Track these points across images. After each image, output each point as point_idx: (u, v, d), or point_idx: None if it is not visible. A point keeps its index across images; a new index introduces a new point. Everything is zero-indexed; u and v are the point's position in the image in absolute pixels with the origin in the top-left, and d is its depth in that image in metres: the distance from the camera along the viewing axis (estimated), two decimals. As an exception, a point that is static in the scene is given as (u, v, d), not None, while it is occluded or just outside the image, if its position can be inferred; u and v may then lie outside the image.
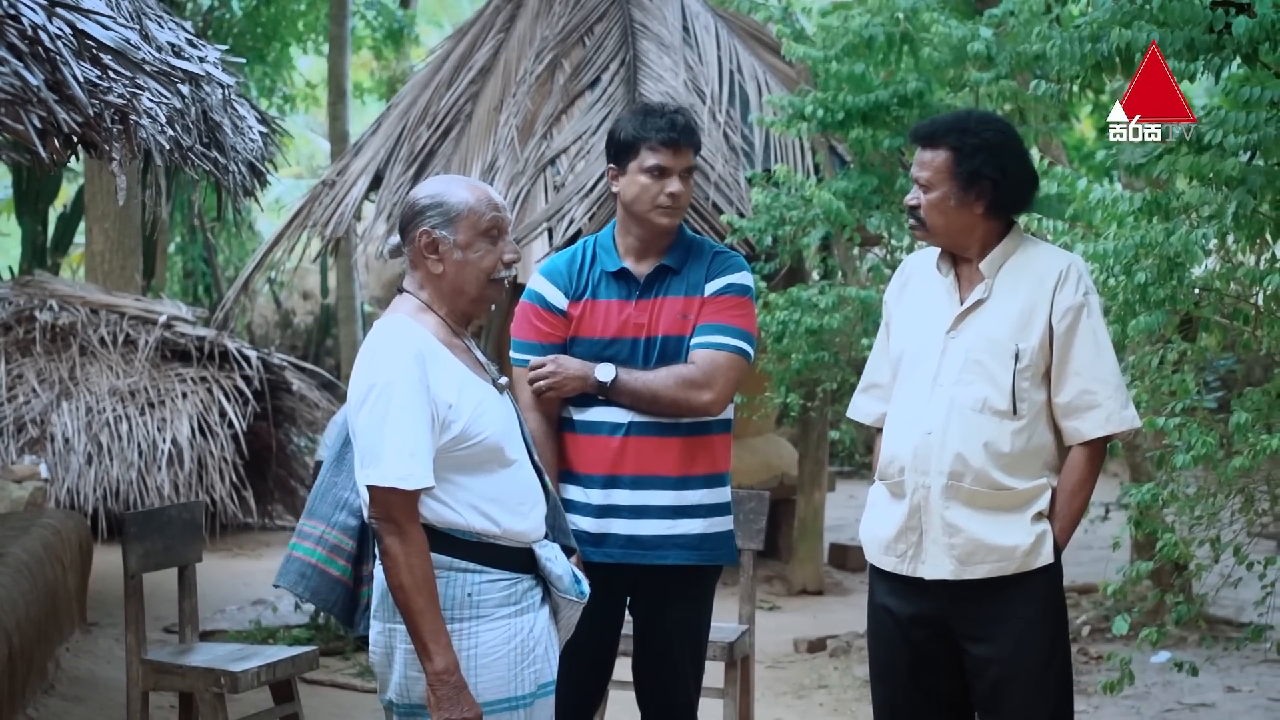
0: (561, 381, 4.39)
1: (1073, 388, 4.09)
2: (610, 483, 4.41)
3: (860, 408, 4.44)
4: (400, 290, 3.76)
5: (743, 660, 5.84)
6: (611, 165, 4.50)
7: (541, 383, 4.39)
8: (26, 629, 6.35)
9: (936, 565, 4.12)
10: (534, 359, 4.44)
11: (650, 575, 4.42)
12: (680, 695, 4.53)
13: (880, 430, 4.37)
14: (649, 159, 4.41)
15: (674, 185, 4.41)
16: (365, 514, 3.62)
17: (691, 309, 4.44)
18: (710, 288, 4.45)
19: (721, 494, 4.52)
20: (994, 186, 4.09)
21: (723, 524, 4.51)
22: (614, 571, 4.38)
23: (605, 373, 4.37)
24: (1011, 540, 4.07)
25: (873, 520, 4.29)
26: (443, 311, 3.70)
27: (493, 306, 4.32)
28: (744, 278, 4.50)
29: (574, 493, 4.43)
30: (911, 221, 4.20)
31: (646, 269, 4.47)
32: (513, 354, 4.52)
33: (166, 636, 8.20)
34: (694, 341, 4.41)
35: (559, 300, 4.47)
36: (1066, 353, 4.09)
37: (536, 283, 4.51)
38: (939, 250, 4.24)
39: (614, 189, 4.52)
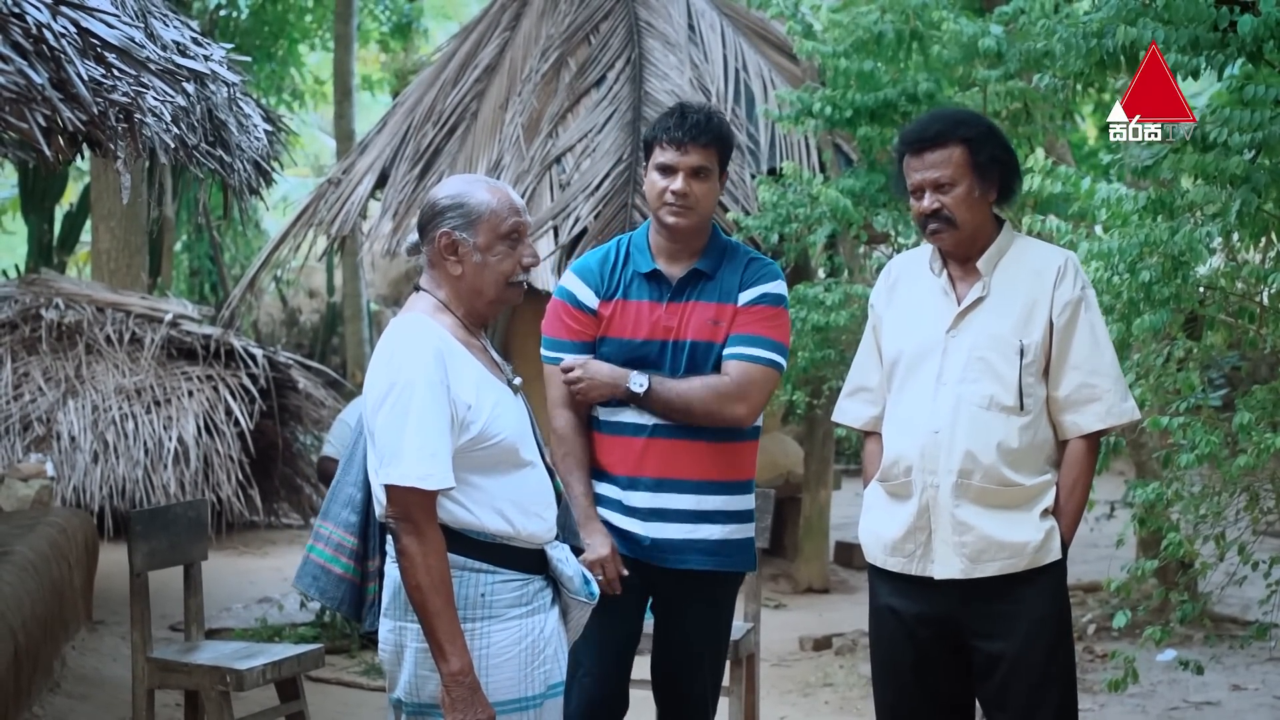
0: (588, 388, 4.37)
1: (1072, 381, 4.10)
2: (631, 484, 4.39)
3: (847, 411, 4.43)
4: (416, 288, 3.75)
5: (748, 658, 5.84)
6: (644, 163, 4.51)
7: (572, 387, 4.38)
8: (32, 627, 6.36)
9: (946, 564, 4.12)
10: (566, 359, 4.43)
11: (669, 578, 4.41)
12: (696, 685, 4.51)
13: (868, 434, 4.38)
14: (658, 156, 4.39)
15: (676, 183, 4.35)
16: (379, 512, 3.62)
17: (724, 316, 4.40)
18: (744, 297, 4.41)
19: (744, 500, 4.48)
20: (1005, 170, 4.12)
21: (743, 530, 4.48)
22: (635, 567, 4.38)
23: (639, 383, 4.34)
24: (1022, 537, 4.07)
25: (875, 522, 4.28)
26: (460, 312, 3.69)
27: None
28: (778, 287, 4.46)
29: (603, 489, 4.43)
30: (934, 226, 4.12)
31: (679, 271, 4.43)
32: (544, 351, 4.50)
33: (172, 634, 8.21)
34: (727, 351, 4.38)
35: (590, 299, 4.45)
36: (1065, 347, 4.10)
37: (569, 280, 4.50)
38: (930, 250, 4.24)
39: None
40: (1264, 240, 5.52)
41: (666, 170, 4.38)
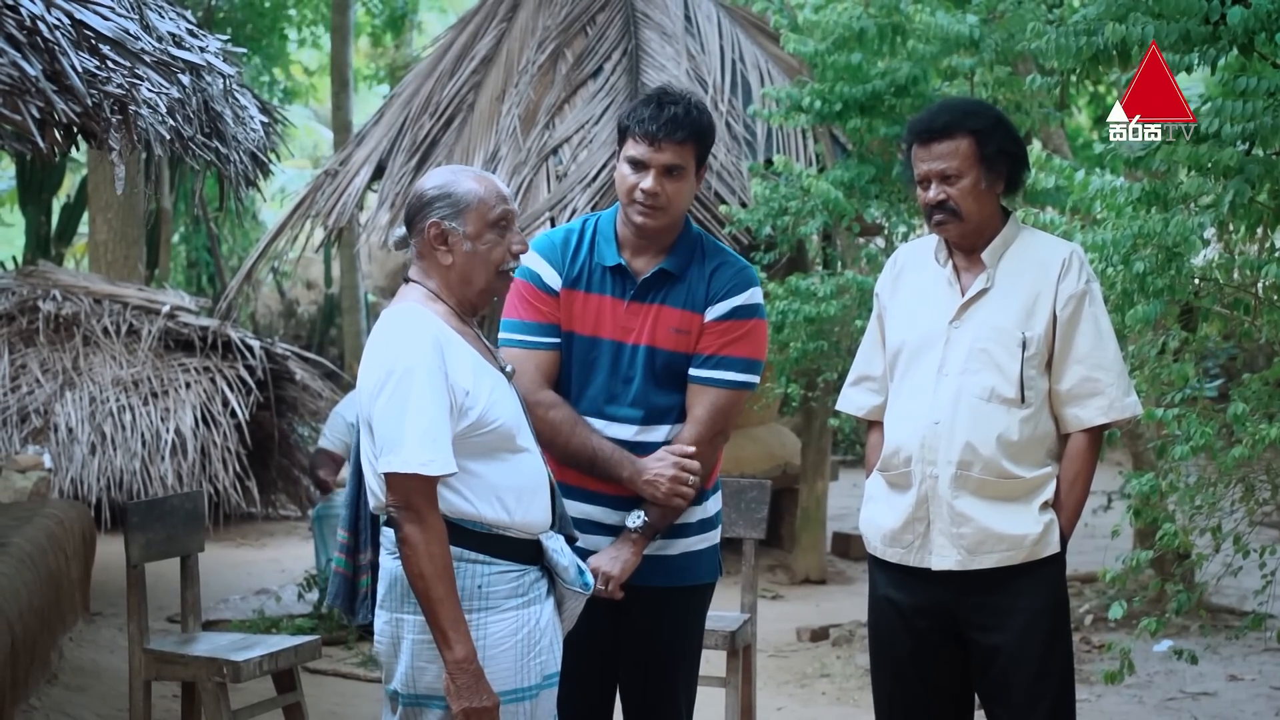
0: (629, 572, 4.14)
1: (1075, 375, 4.09)
2: (602, 500, 4.18)
3: (851, 400, 4.42)
4: (406, 280, 3.75)
5: (744, 649, 5.84)
6: (617, 147, 4.25)
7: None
8: (29, 619, 6.36)
9: (944, 555, 4.12)
10: (597, 569, 4.08)
11: (635, 596, 4.17)
12: (668, 702, 4.29)
13: (871, 423, 4.37)
14: (629, 148, 4.10)
15: (647, 182, 4.06)
16: (373, 504, 3.63)
17: (690, 326, 4.15)
18: (713, 311, 4.16)
19: (708, 508, 4.29)
20: (1013, 161, 4.11)
21: (708, 539, 4.30)
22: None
23: (635, 520, 4.13)
24: (1020, 529, 4.08)
25: (875, 512, 4.28)
26: (451, 301, 3.68)
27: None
28: (751, 296, 4.19)
29: (578, 508, 4.16)
30: (939, 217, 4.10)
31: (644, 268, 4.17)
32: (505, 334, 4.21)
33: (169, 626, 8.21)
34: (694, 372, 4.16)
35: (554, 280, 4.18)
36: (1069, 340, 4.09)
37: (531, 260, 4.18)
38: (935, 240, 4.23)
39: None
40: (1263, 231, 5.52)
41: (637, 165, 4.08)
